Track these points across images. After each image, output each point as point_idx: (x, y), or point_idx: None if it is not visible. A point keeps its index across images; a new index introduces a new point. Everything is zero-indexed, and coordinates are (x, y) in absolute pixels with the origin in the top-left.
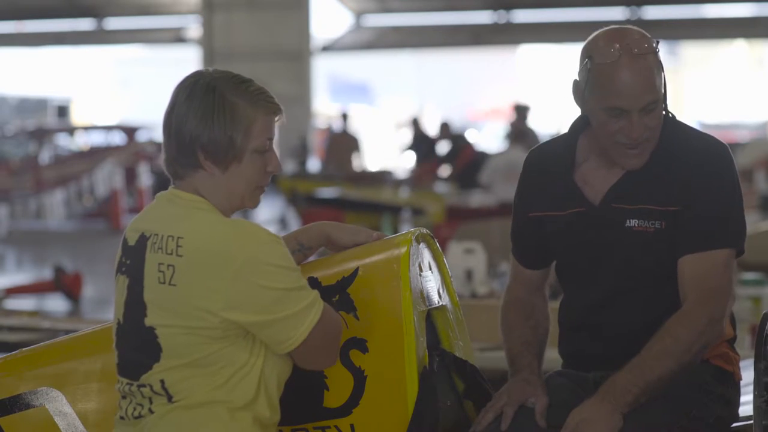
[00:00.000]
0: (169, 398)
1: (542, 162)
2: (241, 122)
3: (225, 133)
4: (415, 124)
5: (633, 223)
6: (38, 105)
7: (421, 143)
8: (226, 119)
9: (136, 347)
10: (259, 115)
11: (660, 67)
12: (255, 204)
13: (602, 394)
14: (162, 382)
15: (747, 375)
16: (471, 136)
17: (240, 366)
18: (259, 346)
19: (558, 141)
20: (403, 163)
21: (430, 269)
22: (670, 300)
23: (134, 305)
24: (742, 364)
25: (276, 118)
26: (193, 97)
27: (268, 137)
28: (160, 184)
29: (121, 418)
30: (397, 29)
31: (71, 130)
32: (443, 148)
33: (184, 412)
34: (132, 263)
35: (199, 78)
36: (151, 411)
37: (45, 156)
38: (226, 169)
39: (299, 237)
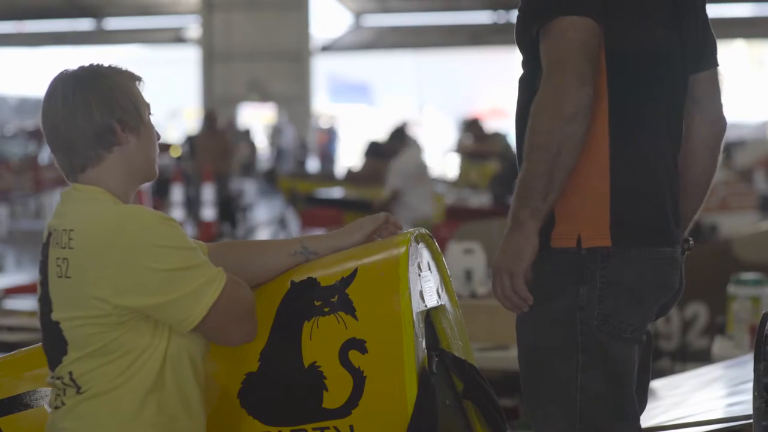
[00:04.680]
0: (78, 389)
1: None
2: (134, 92)
3: (131, 102)
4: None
5: None
6: (38, 105)
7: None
8: (126, 92)
9: (48, 342)
10: (137, 84)
11: None
12: (156, 173)
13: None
14: (70, 374)
15: (746, 374)
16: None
17: (142, 350)
18: (162, 327)
19: None
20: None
21: (429, 269)
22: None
23: (43, 301)
24: (740, 360)
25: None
26: (82, 89)
27: (148, 102)
28: (159, 183)
29: (50, 407)
30: (396, 29)
31: None
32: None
33: (90, 403)
34: (42, 261)
35: (69, 77)
36: (63, 403)
37: (45, 156)
38: (139, 134)
39: (305, 241)
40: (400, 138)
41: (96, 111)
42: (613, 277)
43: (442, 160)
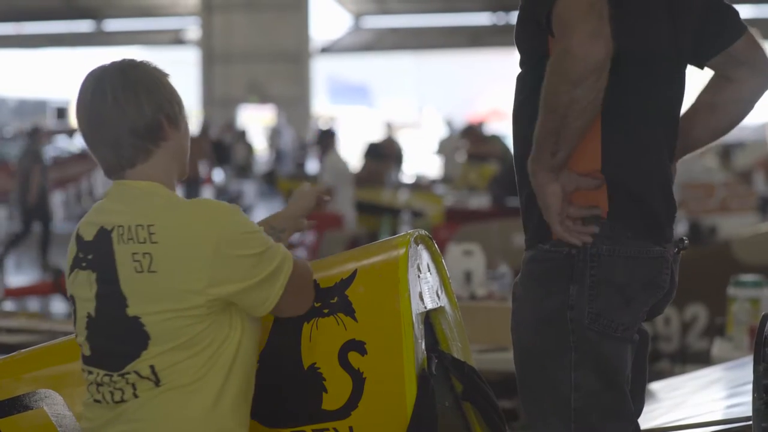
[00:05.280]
0: (157, 383)
1: None
2: (172, 87)
3: (173, 96)
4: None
5: None
6: (37, 107)
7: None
8: (168, 87)
9: (118, 338)
10: (170, 81)
11: None
12: (187, 170)
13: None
14: (152, 367)
15: (746, 376)
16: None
17: (221, 342)
18: (236, 317)
19: None
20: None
21: (429, 271)
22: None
23: (109, 298)
24: (740, 361)
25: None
26: (131, 84)
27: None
28: None
29: (97, 401)
30: (395, 31)
31: (70, 132)
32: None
33: (169, 395)
34: (95, 258)
35: (114, 72)
36: (135, 395)
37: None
38: (179, 129)
39: (270, 221)
40: (328, 141)
41: (146, 106)
42: (603, 276)
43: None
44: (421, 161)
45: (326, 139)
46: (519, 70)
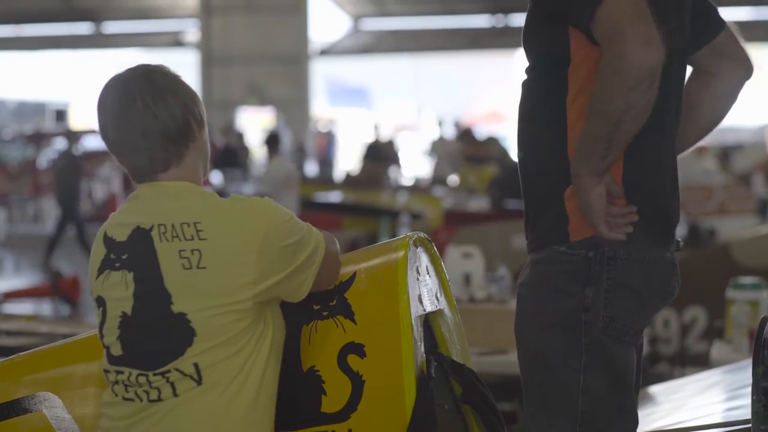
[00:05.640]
0: (199, 381)
1: None
2: (190, 87)
3: (195, 97)
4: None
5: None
6: (36, 109)
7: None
8: (189, 88)
9: (160, 336)
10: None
11: None
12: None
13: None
14: (196, 365)
15: (745, 379)
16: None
17: (258, 338)
18: (268, 312)
19: None
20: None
21: (428, 273)
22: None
23: (151, 296)
24: (739, 364)
25: None
26: (155, 88)
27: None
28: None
29: (128, 399)
30: (395, 33)
31: (69, 134)
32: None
33: (211, 394)
34: (132, 257)
35: (141, 79)
36: (175, 394)
37: (43, 160)
38: (203, 129)
39: None
40: (273, 144)
41: (176, 109)
42: (620, 280)
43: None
44: (420, 163)
45: (271, 143)
46: (525, 76)
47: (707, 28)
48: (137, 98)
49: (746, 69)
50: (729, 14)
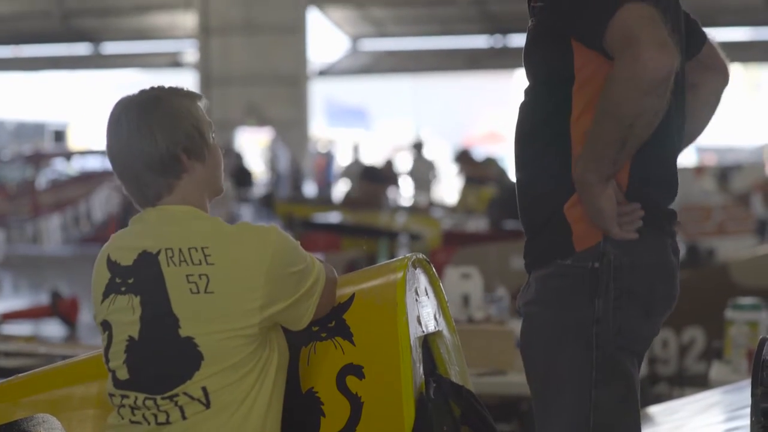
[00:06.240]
0: (207, 405)
1: None
2: (196, 115)
3: (194, 128)
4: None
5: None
6: (35, 130)
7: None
8: (189, 116)
9: (168, 360)
10: (199, 105)
11: None
12: (223, 187)
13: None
14: (204, 389)
15: (744, 400)
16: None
17: (264, 362)
18: (273, 337)
19: None
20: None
21: (427, 294)
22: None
23: (158, 320)
24: (738, 385)
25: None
26: (145, 117)
27: (210, 121)
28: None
29: (135, 422)
30: (393, 54)
31: (68, 155)
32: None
33: (219, 418)
34: (139, 281)
35: (132, 106)
36: (184, 417)
37: (42, 181)
38: (204, 160)
39: None
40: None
41: (161, 142)
42: (625, 287)
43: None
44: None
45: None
46: (524, 97)
47: (694, 41)
48: (124, 128)
49: (725, 77)
50: (727, 34)
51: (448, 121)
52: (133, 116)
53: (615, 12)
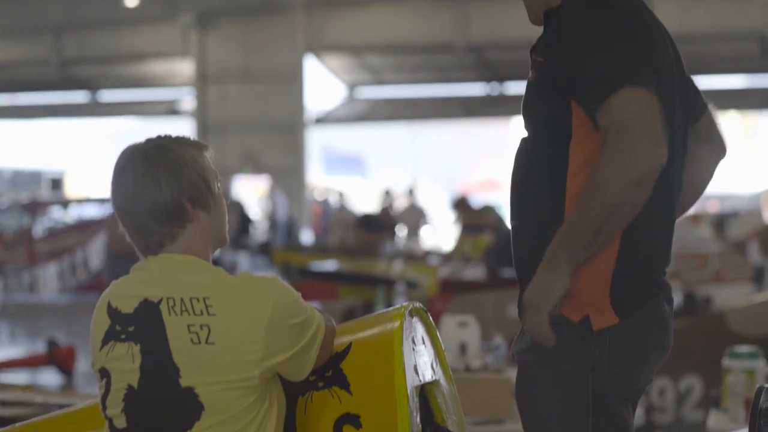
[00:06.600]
0: None
1: None
2: (203, 165)
3: (200, 177)
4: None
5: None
6: (32, 177)
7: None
8: (195, 165)
9: (168, 410)
10: (205, 155)
11: None
12: (227, 238)
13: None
14: None
15: None
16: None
17: (264, 414)
18: (272, 388)
19: None
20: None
21: (424, 343)
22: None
23: (158, 369)
24: None
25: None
26: (151, 166)
27: (215, 171)
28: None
29: None
30: (390, 101)
31: (65, 203)
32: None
33: None
34: (139, 329)
35: (138, 155)
36: None
37: (39, 229)
38: (209, 209)
39: None
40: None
41: (166, 191)
42: (621, 336)
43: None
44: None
45: None
46: (524, 142)
47: (695, 109)
48: (129, 177)
49: (722, 151)
50: (723, 82)
51: (445, 168)
52: (139, 164)
53: (614, 92)
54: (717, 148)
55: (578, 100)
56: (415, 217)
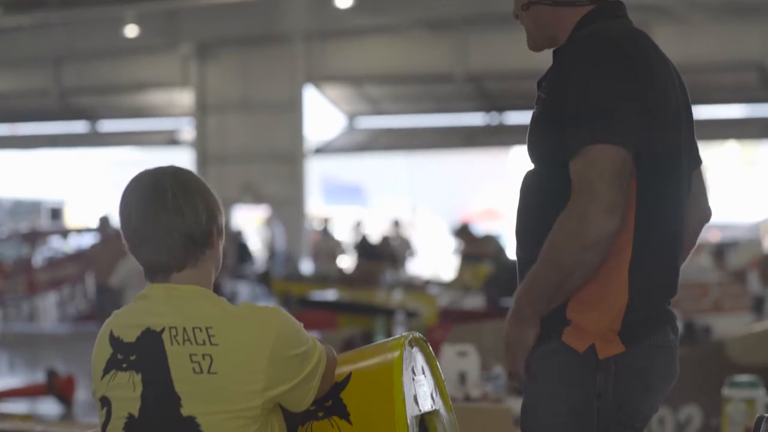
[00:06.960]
0: None
1: None
2: (215, 196)
3: (218, 206)
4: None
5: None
6: (32, 207)
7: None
8: (215, 197)
9: None
10: None
11: None
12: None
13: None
14: None
15: None
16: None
17: None
18: (272, 418)
19: None
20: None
21: (423, 373)
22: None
23: (159, 398)
24: None
25: None
26: (191, 192)
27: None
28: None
29: None
30: (389, 131)
31: (65, 233)
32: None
33: None
34: (141, 358)
35: (173, 178)
36: None
37: (38, 258)
38: (221, 239)
39: None
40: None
41: (203, 215)
42: (626, 364)
43: (437, 263)
44: (415, 261)
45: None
46: (529, 174)
47: (692, 157)
48: (168, 193)
49: (704, 217)
50: (722, 112)
51: (445, 198)
52: (180, 189)
53: (587, 145)
54: (702, 209)
55: (566, 142)
56: (401, 248)
